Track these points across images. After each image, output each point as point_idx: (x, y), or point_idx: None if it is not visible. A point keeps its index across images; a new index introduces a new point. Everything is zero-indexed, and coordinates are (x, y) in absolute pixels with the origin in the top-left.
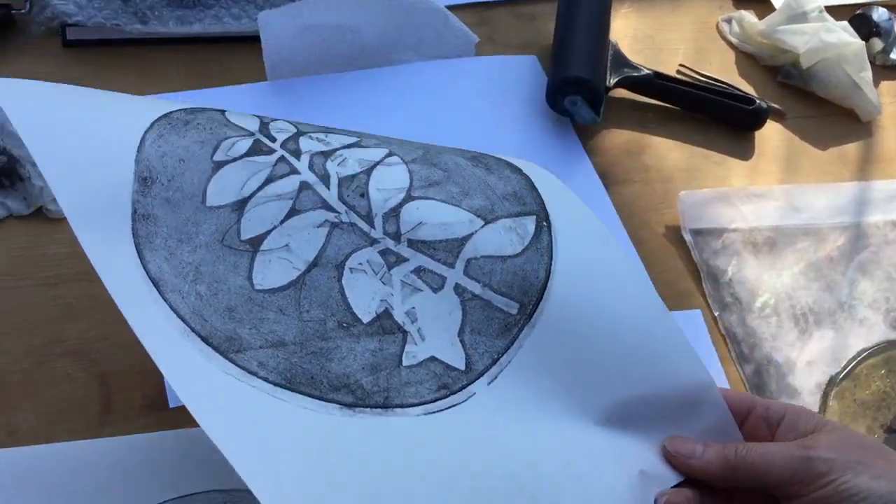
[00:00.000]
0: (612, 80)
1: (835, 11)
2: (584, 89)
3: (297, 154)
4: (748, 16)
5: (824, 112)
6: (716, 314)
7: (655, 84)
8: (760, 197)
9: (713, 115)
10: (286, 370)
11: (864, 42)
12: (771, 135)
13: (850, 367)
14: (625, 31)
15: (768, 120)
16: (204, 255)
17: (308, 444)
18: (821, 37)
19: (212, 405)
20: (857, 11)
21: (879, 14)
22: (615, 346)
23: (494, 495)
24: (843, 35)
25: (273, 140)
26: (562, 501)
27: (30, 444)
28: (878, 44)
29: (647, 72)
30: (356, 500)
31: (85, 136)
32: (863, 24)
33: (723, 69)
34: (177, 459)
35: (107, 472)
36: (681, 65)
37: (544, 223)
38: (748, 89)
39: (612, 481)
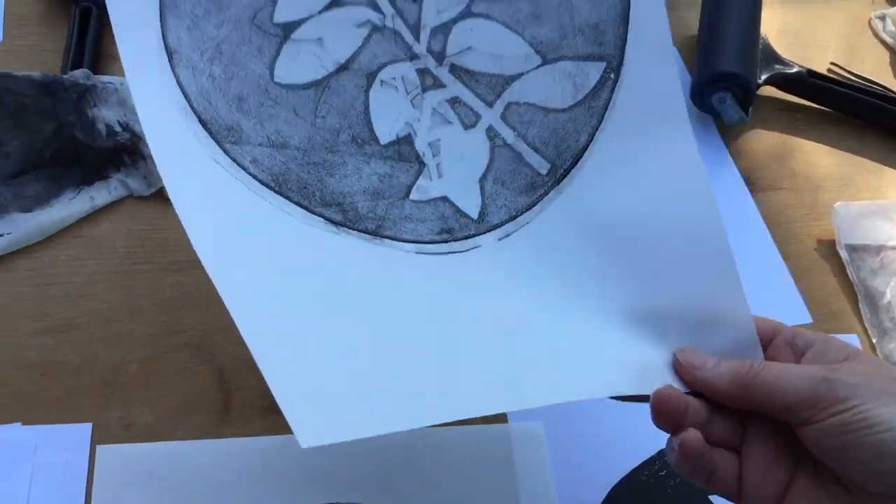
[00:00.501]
0: (762, 77)
1: None
2: (735, 86)
3: None
4: None
5: None
6: (874, 340)
7: (808, 83)
8: None
9: (870, 120)
10: (279, 173)
11: None
12: None
13: None
14: (770, 23)
15: None
16: (230, 31)
17: (283, 250)
18: None
19: (191, 189)
20: None
21: None
22: (647, 237)
23: (466, 347)
24: None
25: None
26: (536, 376)
27: (146, 441)
28: None
29: (799, 69)
30: (321, 321)
31: None
32: None
33: (876, 69)
34: (295, 467)
35: (224, 474)
36: (832, 63)
37: (611, 75)
38: None
39: (601, 372)
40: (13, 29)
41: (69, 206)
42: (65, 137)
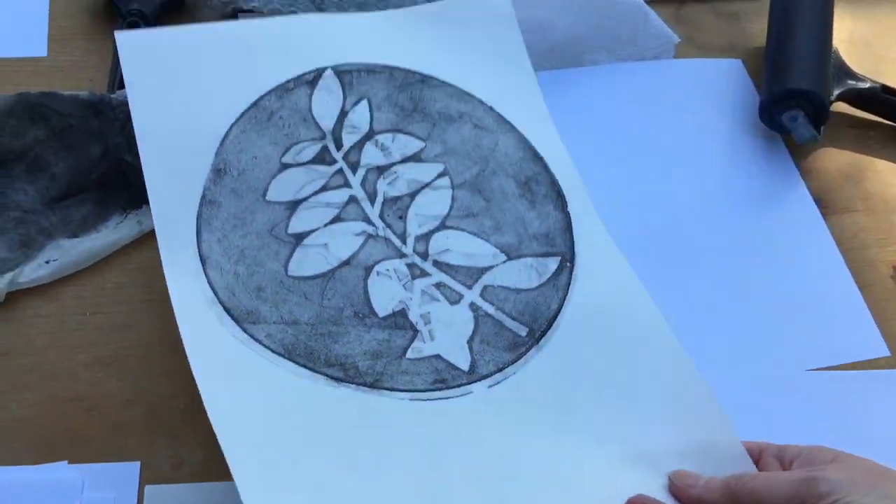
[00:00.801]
0: (834, 93)
1: None
2: (808, 104)
3: (354, 167)
4: None
5: None
6: None
7: (882, 99)
8: None
9: None
10: (290, 344)
11: None
12: None
13: None
14: (838, 34)
15: None
16: (252, 240)
17: (283, 401)
18: None
19: (208, 357)
20: None
21: None
22: (624, 383)
23: (458, 476)
24: None
25: (339, 147)
26: (526, 494)
27: (196, 481)
28: None
29: (873, 84)
30: (312, 459)
31: (181, 118)
32: None
33: None
34: None
35: None
36: None
37: (567, 264)
38: None
39: (594, 490)
40: (57, 43)
41: (116, 231)
42: (112, 159)
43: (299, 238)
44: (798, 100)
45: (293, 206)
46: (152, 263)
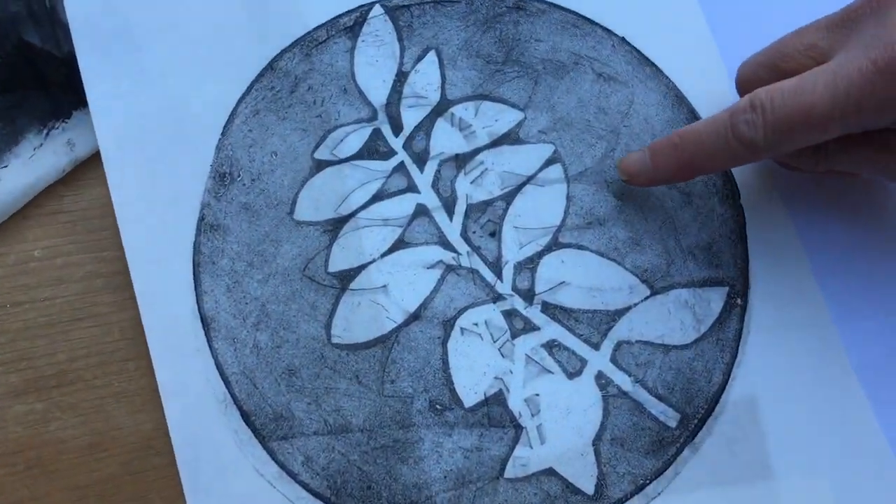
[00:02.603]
0: None
1: None
2: None
3: (422, 158)
4: None
5: None
6: None
7: None
8: None
9: None
10: (337, 473)
11: None
12: None
13: None
14: None
15: None
16: (277, 286)
17: None
18: None
19: None
20: None
21: None
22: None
23: None
24: None
25: (398, 130)
26: None
27: None
28: None
29: None
30: None
31: (158, 87)
32: None
33: None
34: None
35: None
36: None
37: (738, 301)
38: None
39: None
40: None
41: (36, 162)
42: (10, 43)
43: (345, 279)
44: None
45: (335, 226)
46: (100, 208)
